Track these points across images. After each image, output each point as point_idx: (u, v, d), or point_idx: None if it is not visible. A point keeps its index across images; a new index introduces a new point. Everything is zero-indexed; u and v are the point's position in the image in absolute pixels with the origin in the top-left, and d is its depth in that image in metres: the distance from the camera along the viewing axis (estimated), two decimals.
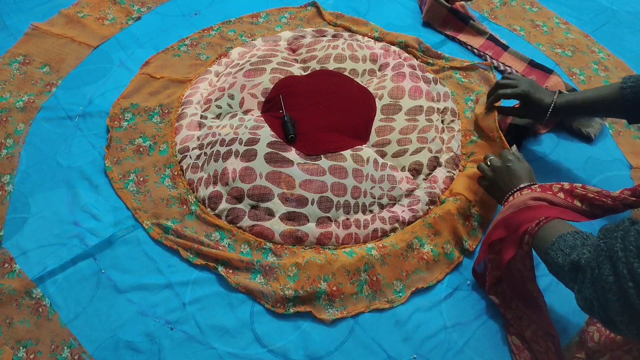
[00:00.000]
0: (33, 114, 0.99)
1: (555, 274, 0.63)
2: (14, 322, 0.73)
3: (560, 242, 0.61)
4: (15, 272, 0.78)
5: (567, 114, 0.88)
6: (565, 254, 0.59)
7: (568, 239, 0.61)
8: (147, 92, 1.03)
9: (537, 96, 0.86)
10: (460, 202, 0.87)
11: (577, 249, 0.59)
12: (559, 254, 0.60)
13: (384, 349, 0.74)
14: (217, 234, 0.84)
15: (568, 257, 0.59)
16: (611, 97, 0.80)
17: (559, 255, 0.60)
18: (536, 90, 0.87)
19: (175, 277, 0.79)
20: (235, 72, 1.04)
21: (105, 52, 1.11)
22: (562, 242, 0.61)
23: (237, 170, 0.86)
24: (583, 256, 0.57)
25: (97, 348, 0.72)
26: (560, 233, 0.63)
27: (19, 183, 0.89)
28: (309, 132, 0.91)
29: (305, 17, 1.23)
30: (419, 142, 0.93)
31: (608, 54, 1.21)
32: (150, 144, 0.95)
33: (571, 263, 0.58)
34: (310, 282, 0.78)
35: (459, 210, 0.86)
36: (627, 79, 0.79)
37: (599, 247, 0.54)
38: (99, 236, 0.83)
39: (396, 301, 0.78)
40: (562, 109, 0.85)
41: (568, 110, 0.86)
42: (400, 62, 1.07)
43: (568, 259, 0.58)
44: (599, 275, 0.52)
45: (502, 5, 1.32)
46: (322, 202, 0.84)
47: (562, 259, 0.60)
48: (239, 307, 0.77)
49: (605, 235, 0.55)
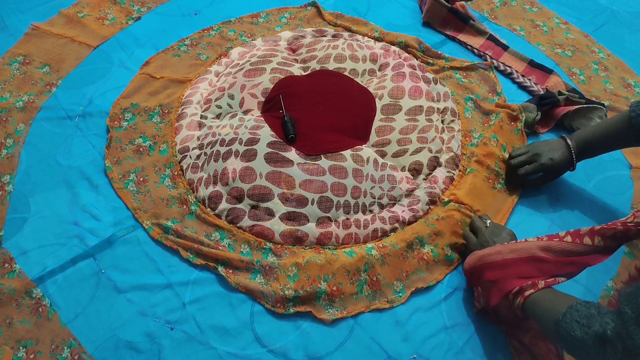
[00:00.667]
0: (33, 114, 0.99)
1: (571, 348, 0.58)
2: (14, 322, 0.73)
3: (573, 313, 0.57)
4: (15, 272, 0.78)
5: (590, 155, 0.86)
6: (583, 325, 0.55)
7: (580, 309, 0.58)
8: (147, 92, 1.03)
9: (557, 157, 0.85)
10: (464, 210, 0.87)
11: (595, 318, 0.55)
12: (574, 326, 0.56)
13: (384, 349, 0.74)
14: (217, 234, 0.84)
15: (589, 330, 0.54)
16: (625, 128, 0.78)
17: (575, 327, 0.56)
18: (551, 152, 0.85)
19: (175, 277, 0.79)
20: (235, 72, 1.04)
21: (105, 52, 1.11)
22: (575, 312, 0.57)
23: (237, 170, 0.86)
24: (607, 326, 0.53)
25: (97, 348, 0.72)
26: (556, 301, 0.61)
27: (19, 183, 0.89)
28: (309, 132, 0.91)
29: (305, 17, 1.23)
30: (419, 142, 0.93)
31: (608, 54, 1.21)
32: (150, 144, 0.95)
33: (595, 335, 0.54)
34: (310, 282, 0.78)
35: (463, 217, 0.86)
36: (635, 107, 0.77)
37: (625, 315, 0.51)
38: (99, 236, 0.83)
39: (396, 301, 0.78)
40: (583, 153, 0.85)
41: (588, 152, 0.85)
42: (400, 62, 1.07)
43: (590, 331, 0.54)
44: (632, 346, 0.50)
45: (502, 5, 1.33)
46: (322, 202, 0.84)
47: (581, 331, 0.55)
48: (239, 307, 0.77)
49: (629, 300, 0.52)
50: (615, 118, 0.81)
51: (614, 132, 0.81)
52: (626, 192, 0.95)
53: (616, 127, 0.80)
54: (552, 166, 0.85)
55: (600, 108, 1.02)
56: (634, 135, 0.78)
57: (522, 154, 0.89)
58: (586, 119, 1.02)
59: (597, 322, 0.54)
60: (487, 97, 1.08)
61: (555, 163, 0.85)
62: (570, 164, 0.85)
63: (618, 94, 1.11)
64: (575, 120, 1.03)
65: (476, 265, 0.74)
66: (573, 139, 0.85)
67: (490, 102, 1.06)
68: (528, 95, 1.10)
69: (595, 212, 0.92)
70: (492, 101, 1.06)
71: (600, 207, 0.93)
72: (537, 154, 0.86)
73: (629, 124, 0.78)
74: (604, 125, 0.83)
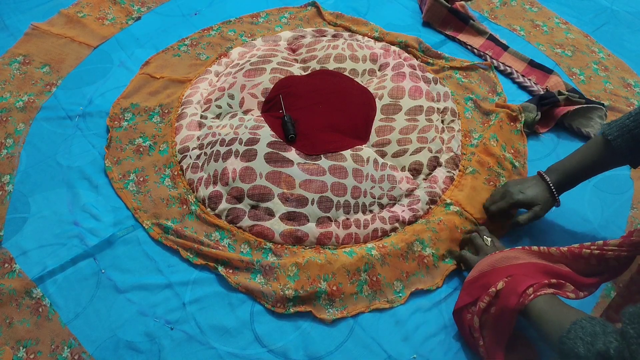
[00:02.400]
0: (33, 114, 0.99)
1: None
2: (14, 322, 0.73)
3: (577, 330, 0.57)
4: (15, 272, 0.78)
5: (572, 186, 0.83)
6: (587, 342, 0.55)
7: (585, 325, 0.57)
8: (147, 92, 1.03)
9: (531, 193, 0.81)
10: (466, 215, 0.87)
11: (599, 336, 0.55)
12: (578, 343, 0.56)
13: (384, 348, 0.74)
14: (217, 234, 0.84)
15: (593, 348, 0.54)
16: (605, 154, 0.77)
17: (578, 344, 0.55)
18: (523, 187, 0.82)
19: (175, 277, 0.79)
20: (235, 72, 1.04)
21: (105, 52, 1.11)
22: (580, 329, 0.57)
23: (237, 170, 0.86)
24: (611, 345, 0.53)
25: (97, 348, 0.72)
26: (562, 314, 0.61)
27: (19, 183, 0.89)
28: (309, 132, 0.91)
29: (305, 17, 1.23)
30: (419, 142, 0.93)
31: (608, 54, 1.21)
32: (150, 144, 0.95)
33: (598, 354, 0.53)
34: (310, 281, 0.78)
35: (463, 224, 0.86)
36: (609, 130, 0.76)
37: (628, 335, 0.51)
38: (99, 236, 0.83)
39: (396, 301, 0.78)
40: (564, 185, 0.82)
41: (570, 183, 0.82)
42: (400, 62, 1.07)
43: (593, 349, 0.54)
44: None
45: (502, 5, 1.33)
46: (322, 202, 0.84)
47: (584, 349, 0.55)
48: (239, 307, 0.77)
49: (632, 320, 0.52)
50: (591, 146, 0.80)
51: (595, 159, 0.79)
52: (626, 192, 0.95)
53: (596, 154, 0.79)
54: (526, 200, 0.81)
55: (600, 108, 1.02)
56: (618, 157, 0.76)
57: (490, 199, 0.87)
58: (586, 118, 1.02)
59: (600, 341, 0.54)
60: (487, 97, 1.08)
61: (527, 197, 0.81)
62: (551, 199, 0.82)
63: (618, 94, 1.11)
64: (575, 120, 1.03)
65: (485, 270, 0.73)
66: (551, 174, 0.82)
67: (490, 102, 1.06)
68: (528, 95, 1.10)
69: (596, 212, 0.92)
70: (492, 101, 1.06)
71: (601, 207, 0.93)
72: (508, 191, 0.84)
73: (608, 149, 0.77)
74: (581, 155, 0.81)
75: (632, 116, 0.75)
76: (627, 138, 0.74)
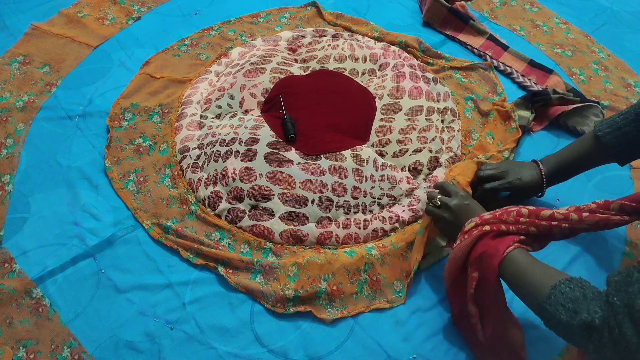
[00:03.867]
0: (33, 114, 0.99)
1: (556, 330, 0.59)
2: (14, 322, 0.73)
3: (557, 295, 0.57)
4: (15, 272, 0.78)
5: (560, 179, 0.85)
6: (569, 309, 0.55)
7: (565, 290, 0.57)
8: (147, 92, 1.03)
9: (526, 181, 0.83)
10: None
11: (580, 303, 0.55)
12: (559, 309, 0.56)
13: (384, 348, 0.74)
14: (217, 234, 0.84)
15: (576, 316, 0.54)
16: (594, 149, 0.79)
17: (560, 311, 0.56)
18: (520, 174, 0.83)
19: (175, 277, 0.79)
20: (235, 72, 1.04)
21: (105, 52, 1.11)
22: (560, 294, 0.57)
23: (237, 170, 0.86)
24: (595, 315, 0.53)
25: (97, 348, 0.72)
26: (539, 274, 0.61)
27: (19, 183, 0.89)
28: (309, 132, 0.91)
29: (305, 17, 1.23)
30: (419, 142, 0.93)
31: (608, 54, 1.21)
32: (150, 144, 0.95)
33: (583, 324, 0.53)
34: (310, 281, 0.78)
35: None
36: (599, 126, 0.78)
37: (613, 305, 0.51)
38: (99, 236, 0.83)
39: (396, 301, 0.78)
40: (553, 177, 0.83)
41: (559, 176, 0.84)
42: (400, 62, 1.07)
43: (577, 317, 0.54)
44: (620, 335, 0.50)
45: (502, 5, 1.33)
46: (322, 202, 0.84)
47: (566, 316, 0.55)
48: (239, 307, 0.77)
49: (617, 289, 0.52)
50: (582, 141, 0.81)
51: (584, 154, 0.80)
52: (626, 192, 0.95)
53: (585, 149, 0.80)
54: (519, 186, 0.83)
55: (595, 106, 1.02)
56: (607, 153, 0.78)
57: (492, 168, 0.86)
58: (582, 117, 1.02)
59: (584, 309, 0.54)
60: (487, 97, 1.08)
61: (522, 183, 0.82)
62: (539, 188, 0.84)
63: (618, 94, 1.11)
64: (571, 119, 1.03)
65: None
66: (544, 165, 0.83)
67: (490, 102, 1.06)
68: None
69: None
70: (492, 101, 1.06)
71: None
72: (506, 172, 0.84)
73: (597, 144, 0.78)
74: (572, 149, 0.82)
75: (622, 114, 0.76)
76: (617, 135, 0.76)
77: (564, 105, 1.02)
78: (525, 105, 1.02)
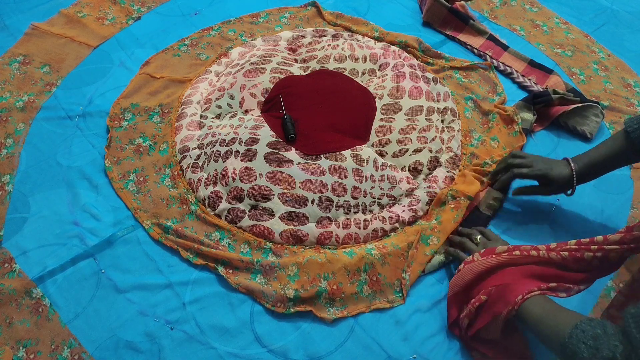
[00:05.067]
0: (33, 114, 0.99)
1: None
2: (14, 322, 0.73)
3: (579, 334, 0.57)
4: (15, 272, 0.78)
5: (591, 177, 0.83)
6: (591, 347, 0.55)
7: (586, 329, 0.57)
8: (147, 92, 1.03)
9: (556, 173, 0.82)
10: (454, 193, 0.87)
11: (601, 339, 0.55)
12: (581, 347, 0.56)
13: (384, 348, 0.74)
14: (217, 234, 0.84)
15: (598, 353, 0.54)
16: (624, 145, 0.78)
17: (582, 349, 0.56)
18: (551, 166, 0.83)
19: (175, 277, 0.79)
20: (235, 72, 1.04)
21: (105, 52, 1.11)
22: (581, 333, 0.57)
23: (237, 170, 0.86)
24: (617, 350, 0.53)
25: (97, 348, 0.72)
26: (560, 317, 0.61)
27: (19, 183, 0.89)
28: (309, 132, 0.91)
29: (305, 17, 1.23)
30: (419, 142, 0.93)
31: (608, 54, 1.21)
32: (150, 144, 0.95)
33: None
34: (311, 281, 0.78)
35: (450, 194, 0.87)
36: (630, 122, 0.77)
37: (633, 339, 0.51)
38: (99, 236, 0.83)
39: (396, 301, 0.78)
40: (584, 175, 0.82)
41: (590, 174, 0.83)
42: (400, 62, 1.07)
43: (599, 355, 0.54)
44: None
45: (502, 5, 1.33)
46: (322, 202, 0.84)
47: (588, 353, 0.55)
48: (239, 307, 0.77)
49: (637, 322, 0.52)
50: (612, 138, 0.81)
51: (614, 151, 0.79)
52: (626, 192, 0.95)
53: (616, 146, 0.79)
54: (550, 176, 0.82)
55: (595, 106, 1.02)
56: (634, 151, 0.77)
57: (522, 157, 0.87)
58: (582, 117, 1.03)
59: (605, 345, 0.54)
60: (487, 97, 1.08)
61: (553, 174, 0.82)
62: (568, 185, 0.82)
63: (618, 94, 1.11)
64: (571, 119, 1.03)
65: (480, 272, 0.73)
66: (575, 163, 0.83)
67: (490, 102, 1.06)
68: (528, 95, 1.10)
69: (596, 213, 0.92)
70: (492, 101, 1.07)
71: (601, 207, 0.93)
72: (536, 161, 0.85)
73: (627, 141, 0.77)
74: (603, 147, 0.81)
75: None
76: None
77: (565, 106, 1.02)
78: (527, 108, 1.02)
